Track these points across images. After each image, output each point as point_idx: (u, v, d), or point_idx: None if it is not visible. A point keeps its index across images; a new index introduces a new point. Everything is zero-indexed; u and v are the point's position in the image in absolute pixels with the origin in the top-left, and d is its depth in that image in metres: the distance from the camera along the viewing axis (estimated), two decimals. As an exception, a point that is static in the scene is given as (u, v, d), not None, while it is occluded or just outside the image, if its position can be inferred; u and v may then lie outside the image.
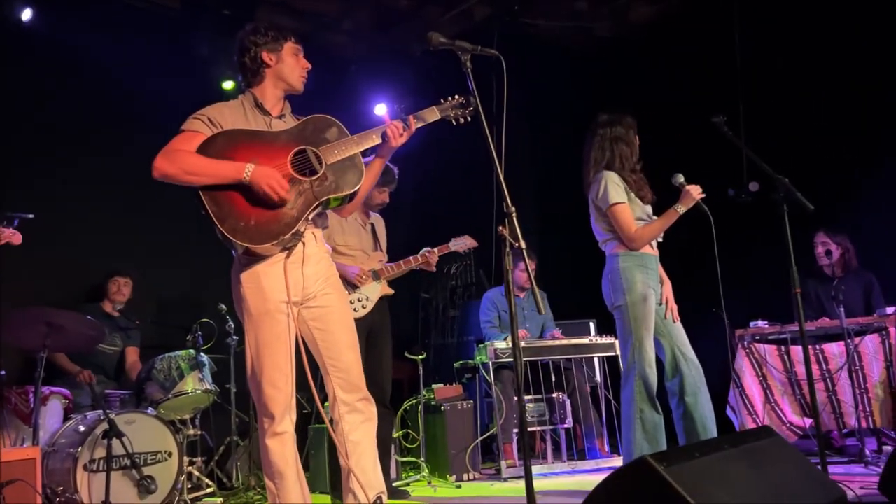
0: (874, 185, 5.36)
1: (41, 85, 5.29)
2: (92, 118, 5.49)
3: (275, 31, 2.79)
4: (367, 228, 4.29)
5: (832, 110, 5.65)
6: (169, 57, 5.70)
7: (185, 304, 5.71)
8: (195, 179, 2.53)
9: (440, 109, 2.85)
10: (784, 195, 3.22)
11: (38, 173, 5.15)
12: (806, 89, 5.78)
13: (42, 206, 3.97)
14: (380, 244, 4.33)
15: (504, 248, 2.42)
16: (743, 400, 4.70)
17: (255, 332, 2.64)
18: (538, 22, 7.03)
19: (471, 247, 4.46)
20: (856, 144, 5.51)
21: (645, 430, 3.42)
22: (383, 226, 4.45)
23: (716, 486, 1.88)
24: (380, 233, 4.37)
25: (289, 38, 2.80)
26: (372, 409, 2.78)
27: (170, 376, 4.35)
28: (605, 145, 3.67)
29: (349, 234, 4.15)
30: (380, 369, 4.17)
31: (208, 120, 2.65)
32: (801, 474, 2.22)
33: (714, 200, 3.90)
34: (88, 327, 4.08)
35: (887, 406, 4.31)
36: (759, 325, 4.81)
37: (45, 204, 4.35)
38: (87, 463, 3.72)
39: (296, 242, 2.64)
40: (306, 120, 2.77)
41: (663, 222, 3.52)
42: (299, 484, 2.68)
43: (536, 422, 5.11)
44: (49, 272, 5.05)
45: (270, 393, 2.62)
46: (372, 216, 4.36)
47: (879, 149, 5.38)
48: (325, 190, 2.64)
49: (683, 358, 3.49)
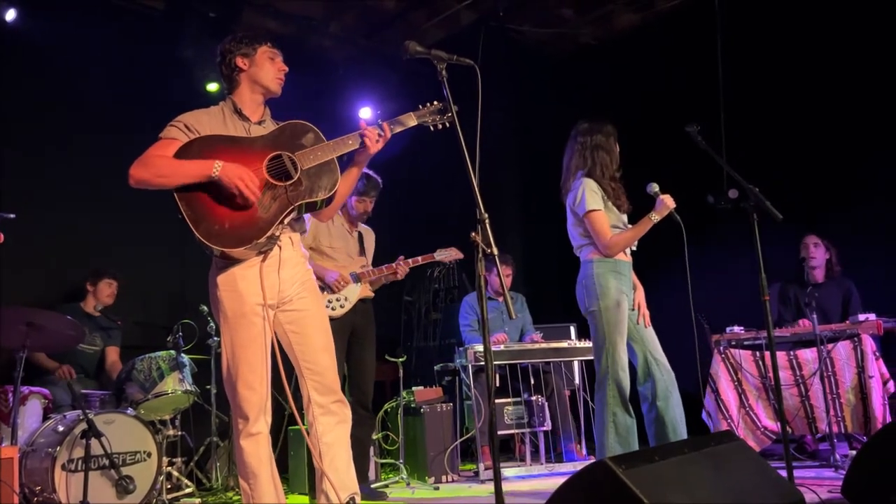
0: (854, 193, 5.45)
1: (22, 84, 5.29)
2: (74, 118, 5.50)
3: (250, 37, 2.83)
4: (354, 236, 4.36)
5: (813, 119, 5.73)
6: (153, 58, 5.71)
7: (166, 305, 5.73)
8: (167, 181, 2.56)
9: (418, 115, 2.87)
10: (754, 204, 3.27)
11: (19, 173, 5.16)
12: (787, 98, 5.86)
13: (23, 206, 3.98)
14: (366, 254, 4.39)
15: (477, 254, 2.45)
16: (718, 404, 4.76)
17: (230, 334, 2.68)
18: (524, 28, 7.09)
19: (456, 258, 4.51)
20: (836, 153, 5.59)
21: (618, 433, 3.48)
22: (373, 239, 4.51)
23: (674, 489, 1.92)
24: (367, 244, 4.44)
25: (264, 42, 2.83)
26: (346, 411, 2.82)
27: (150, 377, 4.37)
28: (585, 153, 3.72)
29: (336, 236, 4.22)
30: (362, 373, 4.22)
31: (185, 126, 2.68)
32: (761, 478, 2.27)
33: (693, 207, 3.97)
34: (68, 327, 4.09)
35: (858, 411, 4.38)
36: (734, 331, 4.88)
37: (25, 204, 4.35)
38: (66, 463, 3.73)
39: (271, 246, 2.68)
40: (283, 125, 2.80)
41: (637, 230, 3.57)
42: (273, 484, 2.71)
43: (515, 425, 5.15)
44: (30, 272, 5.06)
45: (245, 394, 2.66)
46: (360, 227, 4.41)
47: (860, 157, 5.46)
48: (300, 195, 2.67)
49: (655, 362, 3.56)
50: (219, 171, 2.55)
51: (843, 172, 5.50)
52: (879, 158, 5.38)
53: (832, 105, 5.60)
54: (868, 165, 5.40)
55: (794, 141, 5.83)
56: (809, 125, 5.74)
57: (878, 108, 5.40)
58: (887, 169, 5.31)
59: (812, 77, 5.73)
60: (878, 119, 5.41)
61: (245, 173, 2.57)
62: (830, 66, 5.61)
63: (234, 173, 2.55)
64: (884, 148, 5.38)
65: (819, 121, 5.68)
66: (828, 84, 5.65)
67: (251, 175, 2.58)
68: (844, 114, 5.55)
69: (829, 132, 5.63)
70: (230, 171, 2.55)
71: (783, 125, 5.88)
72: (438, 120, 2.87)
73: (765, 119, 5.93)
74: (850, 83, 5.54)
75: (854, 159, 5.47)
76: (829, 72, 5.63)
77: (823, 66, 5.65)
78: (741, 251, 4.80)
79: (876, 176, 5.33)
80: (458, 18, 6.99)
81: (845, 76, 5.55)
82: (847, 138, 5.53)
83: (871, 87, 5.45)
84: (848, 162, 5.49)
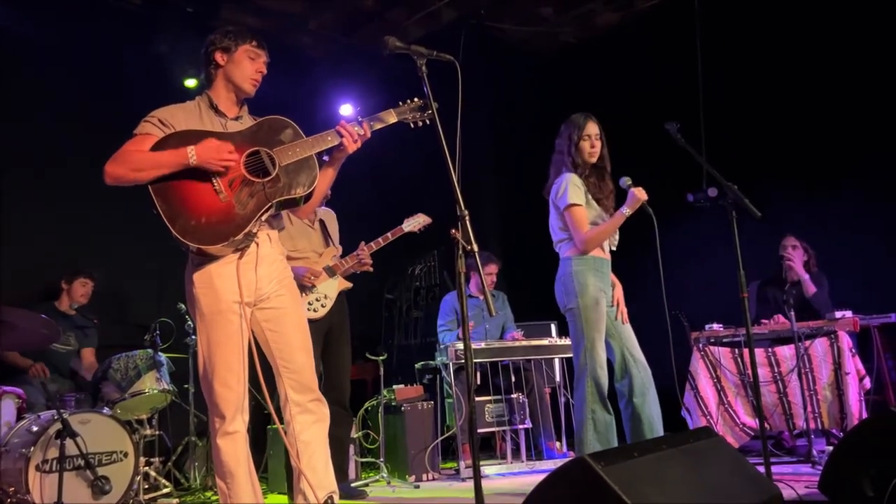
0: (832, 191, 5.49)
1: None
2: (49, 114, 5.42)
3: (235, 33, 2.79)
4: (316, 227, 4.22)
5: (791, 118, 5.77)
6: (131, 53, 5.65)
7: (143, 303, 5.67)
8: (143, 175, 2.53)
9: (398, 112, 2.86)
10: (733, 201, 3.29)
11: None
12: (766, 96, 5.90)
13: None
14: (332, 239, 4.29)
15: (457, 251, 2.44)
16: (698, 401, 4.78)
17: (207, 332, 2.65)
18: (504, 26, 7.09)
19: (425, 224, 4.41)
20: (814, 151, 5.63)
21: (597, 430, 3.48)
22: (334, 218, 4.39)
23: (652, 485, 1.92)
24: (331, 228, 4.32)
25: (248, 41, 2.79)
26: (324, 409, 2.80)
27: (127, 376, 4.32)
28: (570, 149, 3.72)
29: (297, 237, 4.08)
30: (338, 370, 4.15)
31: (159, 122, 2.65)
32: (738, 474, 2.28)
33: (672, 205, 3.98)
34: (42, 325, 4.03)
35: (834, 408, 4.42)
36: (713, 328, 4.91)
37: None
38: (40, 463, 3.68)
39: (248, 243, 2.65)
40: (261, 121, 2.77)
41: (612, 224, 3.59)
42: (251, 483, 2.68)
43: (495, 422, 5.15)
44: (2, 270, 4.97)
45: (222, 392, 2.63)
46: (320, 212, 4.27)
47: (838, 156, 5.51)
48: (278, 191, 2.65)
49: (633, 360, 3.57)
50: (194, 156, 2.53)
51: (820, 170, 5.54)
52: (857, 157, 5.43)
53: (810, 103, 5.64)
54: (846, 163, 5.45)
55: (772, 139, 5.87)
56: (788, 123, 5.79)
57: (857, 107, 5.45)
58: (865, 167, 5.36)
59: (791, 75, 5.77)
60: (857, 117, 5.45)
61: (220, 146, 2.56)
62: (809, 63, 5.65)
63: (210, 152, 2.55)
64: (862, 146, 5.43)
65: (797, 119, 5.72)
66: (806, 82, 5.69)
67: (227, 146, 2.57)
68: (823, 112, 5.59)
69: (807, 130, 5.67)
70: (205, 153, 2.54)
71: (762, 123, 5.92)
72: (419, 117, 2.86)
73: (744, 117, 5.97)
74: (830, 81, 5.58)
75: (832, 157, 5.51)
76: (807, 70, 5.67)
77: (802, 64, 5.69)
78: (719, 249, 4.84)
79: (854, 174, 5.38)
80: (439, 16, 6.98)
81: (824, 74, 5.59)
82: (825, 136, 5.57)
83: (849, 84, 5.50)
84: (826, 160, 5.53)
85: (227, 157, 2.57)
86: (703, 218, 4.84)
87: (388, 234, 4.31)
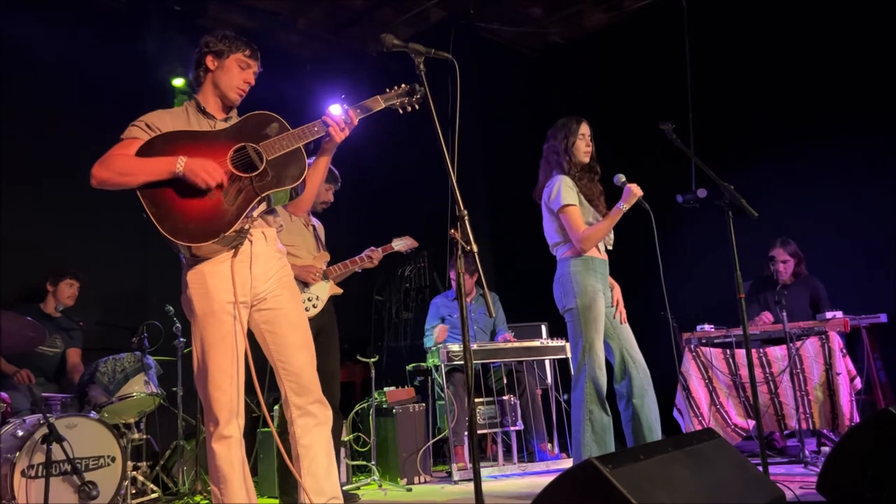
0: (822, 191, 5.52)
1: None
2: (34, 114, 5.33)
3: (230, 38, 2.75)
4: (310, 229, 4.22)
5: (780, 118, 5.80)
6: (117, 53, 5.56)
7: (130, 305, 5.58)
8: (130, 180, 2.49)
9: (385, 98, 2.82)
10: (728, 201, 3.28)
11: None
12: (755, 96, 5.93)
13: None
14: (322, 245, 4.30)
15: (456, 251, 2.41)
16: (689, 402, 4.78)
17: (200, 334, 2.60)
18: (493, 26, 7.08)
19: (412, 247, 4.47)
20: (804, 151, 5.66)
21: (594, 431, 3.47)
22: (323, 231, 4.43)
23: (659, 487, 1.91)
24: (321, 237, 4.35)
25: (243, 49, 2.74)
26: (326, 412, 2.73)
27: (114, 379, 4.26)
28: (560, 151, 3.71)
29: (294, 233, 4.07)
30: (328, 373, 4.11)
31: (146, 125, 2.61)
32: (742, 475, 2.27)
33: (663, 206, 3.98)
34: (28, 328, 3.96)
35: (826, 408, 4.43)
36: (705, 329, 4.91)
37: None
38: (26, 468, 3.62)
39: (241, 241, 2.61)
40: (246, 116, 2.73)
41: (609, 221, 3.59)
42: (245, 489, 2.62)
43: (487, 424, 5.12)
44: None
45: (215, 395, 2.57)
46: (313, 220, 4.30)
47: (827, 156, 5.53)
48: (267, 185, 2.61)
49: (632, 360, 3.56)
50: (182, 166, 2.48)
51: (810, 170, 5.57)
52: (847, 157, 5.46)
53: (799, 103, 5.68)
54: (836, 164, 5.48)
55: (761, 138, 5.90)
56: (776, 123, 5.81)
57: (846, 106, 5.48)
58: (854, 168, 5.40)
59: (779, 75, 5.80)
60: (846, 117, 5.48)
61: (210, 165, 2.51)
62: (797, 63, 5.68)
63: (199, 167, 2.49)
64: (852, 146, 5.46)
65: (786, 118, 5.75)
66: (795, 81, 5.72)
67: (216, 167, 2.52)
68: (812, 112, 5.62)
69: (797, 130, 5.70)
70: (194, 166, 2.49)
71: (751, 122, 5.95)
72: (407, 102, 2.82)
73: (732, 116, 5.99)
74: (818, 81, 5.61)
75: (822, 158, 5.54)
76: (796, 69, 5.70)
77: (790, 63, 5.73)
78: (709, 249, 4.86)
79: (843, 175, 5.41)
80: (428, 16, 6.95)
81: (812, 74, 5.63)
82: (814, 137, 5.60)
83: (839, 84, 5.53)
84: (815, 160, 5.56)
85: (217, 179, 2.51)
86: (693, 219, 4.86)
87: (378, 249, 4.35)
